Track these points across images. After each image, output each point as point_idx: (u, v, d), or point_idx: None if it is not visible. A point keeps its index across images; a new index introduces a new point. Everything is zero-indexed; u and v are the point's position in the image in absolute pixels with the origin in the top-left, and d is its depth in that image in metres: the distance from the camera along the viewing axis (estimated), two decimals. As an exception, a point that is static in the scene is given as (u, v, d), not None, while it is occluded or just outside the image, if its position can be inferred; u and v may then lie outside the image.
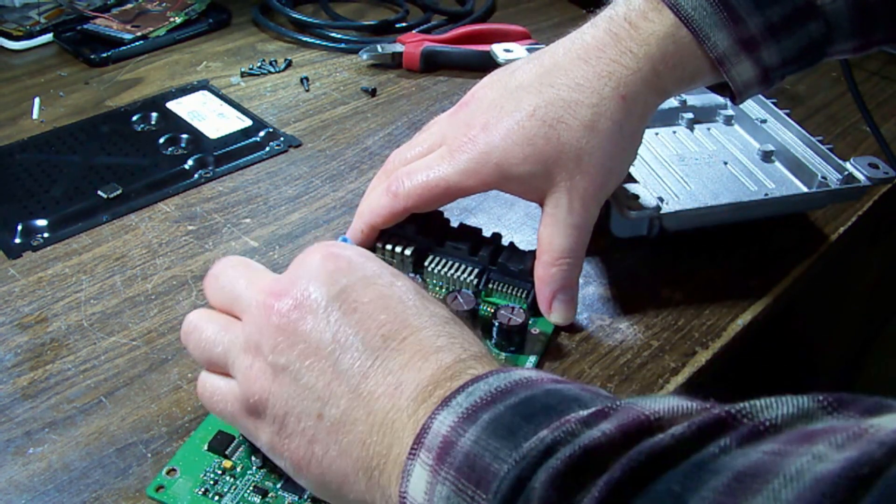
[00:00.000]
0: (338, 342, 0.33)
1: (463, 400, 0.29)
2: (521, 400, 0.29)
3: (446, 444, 0.28)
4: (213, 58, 0.76)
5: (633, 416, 0.26)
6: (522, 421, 0.28)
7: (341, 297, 0.34)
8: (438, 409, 0.30)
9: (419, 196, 0.45)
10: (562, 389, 0.29)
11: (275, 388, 0.33)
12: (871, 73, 0.78)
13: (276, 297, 0.34)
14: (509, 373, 0.31)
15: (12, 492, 0.38)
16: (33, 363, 0.45)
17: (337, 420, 0.32)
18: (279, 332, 0.33)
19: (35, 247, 0.52)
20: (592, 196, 0.45)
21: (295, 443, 0.33)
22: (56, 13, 0.78)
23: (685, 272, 0.52)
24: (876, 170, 0.54)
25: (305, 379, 0.33)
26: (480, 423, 0.28)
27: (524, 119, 0.44)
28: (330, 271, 0.34)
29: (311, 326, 0.33)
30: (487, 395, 0.29)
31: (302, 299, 0.34)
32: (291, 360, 0.33)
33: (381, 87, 0.72)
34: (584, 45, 0.45)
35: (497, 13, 0.88)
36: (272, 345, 0.33)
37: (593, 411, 0.27)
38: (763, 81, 0.45)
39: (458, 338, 0.34)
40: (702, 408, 0.26)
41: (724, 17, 0.43)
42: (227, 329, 0.36)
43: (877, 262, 0.84)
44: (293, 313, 0.33)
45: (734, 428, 0.24)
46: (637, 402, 0.26)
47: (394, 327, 0.33)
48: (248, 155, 0.62)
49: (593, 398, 0.29)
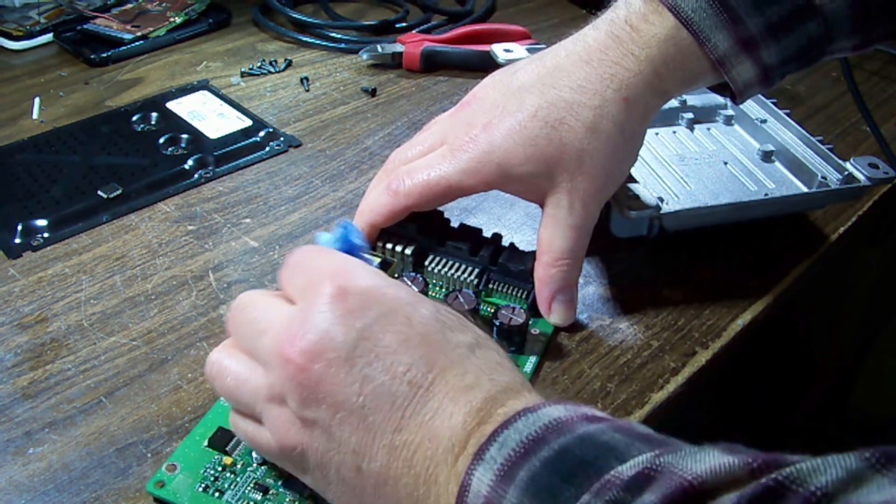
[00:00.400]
0: (364, 395, 0.32)
1: (496, 453, 0.29)
2: (555, 454, 0.28)
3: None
4: (213, 58, 0.76)
5: (677, 483, 0.25)
6: (561, 482, 0.27)
7: (360, 345, 0.32)
8: (475, 464, 0.29)
9: (420, 195, 0.45)
10: (594, 435, 0.29)
11: (308, 440, 0.33)
12: (871, 73, 0.78)
13: (291, 346, 0.32)
14: (537, 413, 0.30)
15: (12, 492, 0.38)
16: (33, 363, 0.45)
17: (378, 474, 0.32)
18: (301, 385, 0.32)
19: (35, 247, 0.52)
20: (593, 197, 0.45)
21: (341, 490, 0.33)
22: (56, 13, 0.78)
23: (685, 272, 0.52)
24: (876, 170, 0.54)
25: (338, 434, 0.32)
26: (519, 482, 0.28)
27: (526, 119, 0.44)
28: (345, 313, 0.33)
29: (333, 380, 0.32)
30: (519, 445, 0.29)
31: (319, 349, 0.32)
32: (320, 416, 0.32)
33: (381, 87, 0.72)
34: (585, 46, 0.45)
35: (497, 13, 0.88)
36: (298, 399, 0.32)
37: (634, 474, 0.26)
38: (763, 81, 0.46)
39: (485, 370, 0.33)
40: (746, 469, 0.25)
41: (723, 18, 0.43)
42: (250, 374, 0.35)
43: (877, 262, 0.84)
44: (314, 366, 0.32)
45: (784, 499, 0.23)
46: (678, 462, 0.26)
47: (419, 371, 0.32)
48: (248, 155, 0.62)
49: (629, 445, 0.28)
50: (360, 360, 0.32)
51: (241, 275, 0.51)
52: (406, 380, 0.32)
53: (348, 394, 0.32)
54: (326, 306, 0.33)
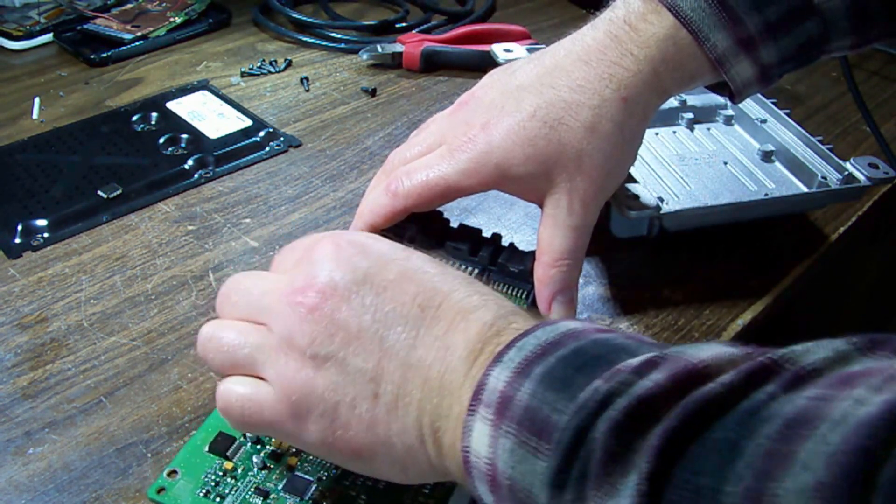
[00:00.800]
0: (378, 321, 0.33)
1: (515, 355, 0.30)
2: (570, 351, 0.30)
3: (504, 398, 0.29)
4: (213, 58, 0.76)
5: (682, 365, 0.26)
6: (575, 372, 0.29)
7: (368, 280, 0.34)
8: (492, 366, 0.30)
9: (419, 195, 0.45)
10: (609, 339, 0.30)
11: (319, 380, 0.33)
12: (871, 73, 0.78)
13: (301, 293, 0.34)
14: (556, 325, 0.31)
15: (12, 492, 0.38)
16: (33, 363, 0.45)
17: (394, 395, 0.32)
18: (314, 324, 0.33)
19: (35, 247, 0.52)
20: (593, 197, 0.45)
21: (352, 431, 0.33)
22: (56, 13, 0.78)
23: (685, 272, 0.52)
24: (876, 170, 0.54)
25: (354, 363, 0.33)
26: (534, 376, 0.29)
27: (525, 119, 0.44)
28: (347, 258, 0.35)
29: (347, 313, 0.33)
30: (537, 348, 0.30)
31: (329, 289, 0.34)
32: (334, 350, 0.33)
33: (381, 87, 0.72)
34: (584, 46, 0.45)
35: (497, 13, 0.88)
36: (309, 338, 0.33)
37: (643, 360, 0.27)
38: (762, 80, 0.46)
39: (489, 295, 0.35)
40: (745, 355, 0.27)
41: (722, 18, 0.43)
42: (250, 332, 0.35)
43: (877, 262, 0.84)
44: (325, 304, 0.33)
45: (778, 374, 0.25)
46: (683, 352, 0.27)
47: (427, 296, 0.34)
48: (248, 155, 0.62)
49: (639, 346, 0.30)
50: (368, 292, 0.34)
51: (240, 275, 0.51)
52: (416, 304, 0.33)
53: (361, 323, 0.33)
54: (330, 253, 0.35)
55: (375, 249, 0.36)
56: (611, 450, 0.26)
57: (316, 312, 0.33)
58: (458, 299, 0.34)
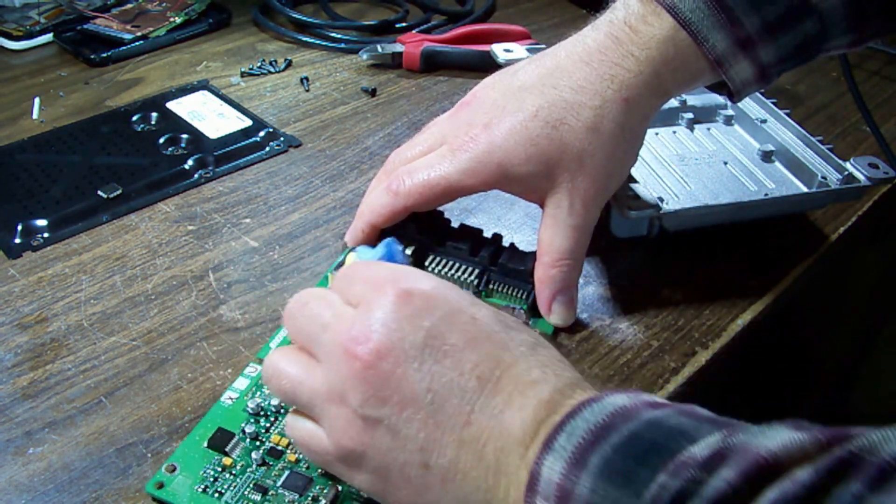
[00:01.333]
0: (434, 391, 0.32)
1: (565, 442, 0.29)
2: (625, 438, 0.28)
3: (563, 493, 0.28)
4: (213, 58, 0.76)
5: (752, 459, 0.25)
6: (635, 464, 0.27)
7: (429, 343, 0.32)
8: (544, 454, 0.29)
9: (420, 195, 0.45)
10: (661, 419, 0.29)
11: (369, 440, 0.32)
12: (871, 73, 0.78)
13: (358, 343, 0.32)
14: (602, 402, 0.30)
15: (12, 492, 0.38)
16: (33, 363, 0.45)
17: (446, 469, 0.31)
18: (366, 383, 0.32)
19: (35, 247, 0.52)
20: (593, 197, 0.45)
21: (403, 491, 0.33)
22: (56, 13, 0.78)
23: (685, 272, 0.53)
24: (876, 170, 0.54)
25: (405, 431, 0.32)
26: (592, 468, 0.28)
27: (527, 119, 0.44)
28: (410, 314, 0.33)
29: (402, 376, 0.32)
30: (588, 433, 0.29)
31: (387, 347, 0.32)
32: (386, 414, 0.32)
33: (381, 87, 0.72)
34: (585, 47, 0.45)
35: (497, 13, 0.88)
36: (362, 397, 0.32)
37: (710, 454, 0.26)
38: (761, 79, 0.46)
39: (549, 366, 0.33)
40: (817, 444, 0.25)
41: (721, 19, 0.43)
42: (308, 374, 0.35)
43: (877, 262, 0.84)
44: (381, 363, 0.32)
45: (859, 468, 0.24)
46: (750, 440, 0.26)
47: (487, 367, 0.32)
48: (248, 155, 0.62)
49: (698, 427, 0.28)
50: (428, 358, 0.32)
51: (241, 275, 0.51)
52: (475, 375, 0.32)
53: (417, 391, 0.32)
54: (392, 306, 0.33)
55: (441, 304, 0.34)
56: None
57: (370, 371, 0.32)
58: (518, 372, 0.32)
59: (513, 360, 0.33)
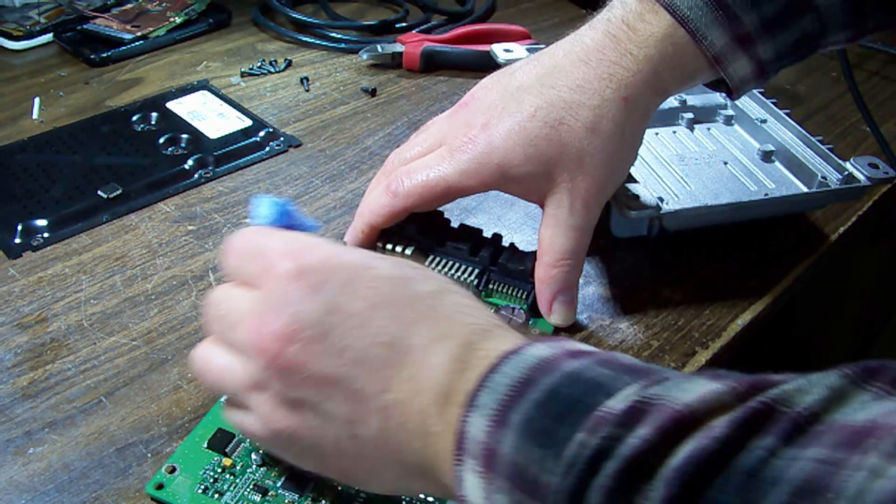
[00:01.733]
0: (345, 364, 0.32)
1: (488, 399, 0.29)
2: (545, 394, 0.28)
3: (489, 451, 0.28)
4: (213, 58, 0.76)
5: (668, 414, 0.25)
6: (554, 422, 0.27)
7: (330, 317, 0.32)
8: (468, 413, 0.29)
9: (419, 195, 0.45)
10: (581, 371, 0.29)
11: (297, 422, 0.33)
12: (871, 73, 0.78)
13: (262, 335, 0.32)
14: (521, 355, 0.30)
15: (12, 492, 0.38)
16: (33, 363, 0.45)
17: (375, 437, 0.32)
18: (279, 371, 0.32)
19: (35, 247, 0.52)
20: (594, 197, 0.45)
21: (340, 462, 0.33)
22: (56, 13, 0.78)
23: (685, 272, 0.52)
24: (876, 170, 0.54)
25: (327, 408, 0.32)
26: (514, 427, 0.28)
27: (526, 120, 0.44)
28: (306, 292, 0.32)
29: (312, 356, 0.32)
30: (509, 389, 0.29)
31: (290, 332, 0.32)
32: (305, 394, 0.32)
33: (381, 87, 0.72)
34: (583, 47, 0.45)
35: (497, 13, 0.88)
36: (279, 384, 0.33)
37: (626, 410, 0.26)
38: (759, 76, 0.46)
39: (455, 316, 0.33)
40: (734, 395, 0.25)
41: (719, 16, 0.43)
42: (231, 366, 0.35)
43: (877, 263, 0.84)
44: (289, 349, 0.32)
45: (774, 421, 0.24)
46: (666, 393, 0.26)
47: (394, 330, 0.32)
48: (248, 155, 0.62)
49: (615, 379, 0.28)
50: (332, 332, 0.32)
51: (240, 275, 0.51)
52: (382, 341, 0.32)
53: (329, 367, 0.32)
54: (287, 287, 0.33)
55: (337, 272, 0.33)
56: None
57: (280, 360, 0.32)
58: (423, 330, 0.32)
59: (418, 317, 0.32)
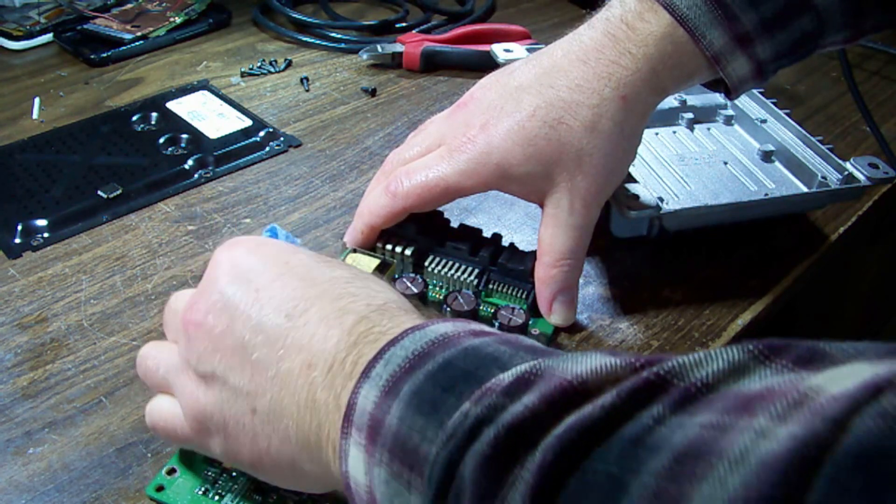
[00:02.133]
0: (250, 334, 0.32)
1: (382, 370, 0.29)
2: (439, 366, 0.28)
3: (375, 423, 0.28)
4: (213, 58, 0.76)
5: (556, 383, 0.24)
6: (443, 392, 0.27)
7: (244, 289, 0.33)
8: (361, 382, 0.29)
9: (418, 196, 0.45)
10: (480, 347, 0.28)
11: (209, 398, 0.34)
12: (871, 73, 0.78)
13: (190, 311, 0.34)
14: (424, 330, 0.30)
15: (12, 492, 0.38)
16: (33, 363, 0.45)
17: (268, 410, 0.32)
18: (198, 341, 0.34)
19: (35, 247, 0.52)
20: (593, 196, 0.45)
21: (242, 444, 0.33)
22: (56, 13, 0.78)
23: (685, 272, 0.52)
24: (876, 170, 0.54)
25: (233, 380, 0.33)
26: (402, 396, 0.28)
27: (525, 119, 0.44)
28: (231, 267, 0.34)
29: (225, 327, 0.33)
30: (405, 361, 0.28)
31: (210, 304, 0.34)
32: (216, 366, 0.33)
33: (381, 87, 0.72)
34: (582, 46, 0.45)
35: (497, 13, 0.88)
36: (196, 356, 0.34)
37: (514, 378, 0.26)
38: (758, 76, 0.46)
39: (359, 295, 0.33)
40: (629, 368, 0.24)
41: (718, 15, 0.43)
42: (167, 354, 0.36)
43: (877, 262, 0.84)
44: (207, 320, 0.33)
45: (665, 392, 0.23)
46: (559, 365, 0.25)
47: (295, 303, 0.33)
48: (248, 155, 0.62)
49: (513, 354, 0.28)
50: (241, 304, 0.33)
51: (240, 275, 0.51)
52: (283, 312, 0.32)
53: (237, 337, 0.33)
54: (217, 270, 0.35)
55: (260, 256, 0.35)
56: (481, 489, 0.24)
57: (200, 330, 0.33)
58: (325, 304, 0.32)
59: (320, 293, 0.33)
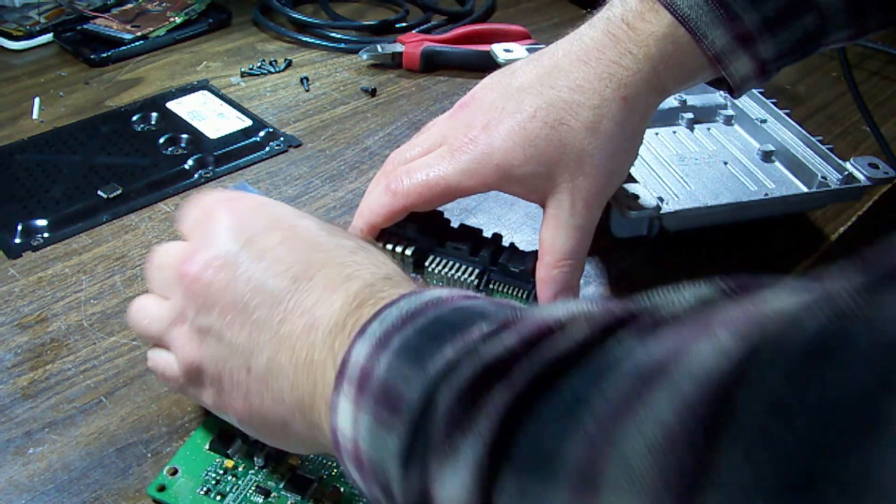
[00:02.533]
0: (251, 292, 0.33)
1: (377, 327, 0.29)
2: (429, 321, 0.29)
3: (364, 374, 0.29)
4: (213, 58, 0.76)
5: (534, 325, 0.25)
6: (429, 342, 0.27)
7: (248, 248, 0.34)
8: (356, 339, 0.30)
9: (419, 195, 0.45)
10: (470, 306, 0.29)
11: (204, 351, 0.34)
12: (871, 73, 0.78)
13: (185, 263, 0.35)
14: (420, 294, 0.31)
15: (12, 492, 0.38)
16: (33, 363, 0.45)
17: (264, 369, 0.33)
18: (196, 294, 0.34)
19: (35, 247, 0.52)
20: (595, 197, 0.45)
21: (236, 400, 0.34)
22: (56, 13, 0.78)
23: (685, 272, 0.52)
24: (876, 170, 0.54)
25: (229, 336, 0.33)
26: (392, 348, 0.28)
27: (526, 120, 0.44)
28: (232, 227, 0.35)
29: (225, 282, 0.33)
30: (398, 319, 0.29)
31: (210, 257, 0.34)
32: (213, 321, 0.34)
33: (381, 87, 0.72)
34: (583, 46, 0.45)
35: (497, 13, 0.88)
36: (194, 309, 0.34)
37: (495, 326, 0.26)
38: (760, 75, 0.46)
39: (364, 264, 0.34)
40: (605, 311, 0.25)
41: (720, 15, 0.43)
42: (159, 307, 0.37)
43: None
44: (206, 273, 0.34)
45: (636, 323, 0.23)
46: (539, 311, 0.26)
47: (302, 267, 0.33)
48: (247, 155, 0.62)
49: (500, 310, 0.28)
50: (245, 261, 0.34)
51: (241, 275, 0.51)
52: (290, 275, 0.33)
53: (237, 294, 0.33)
54: (217, 224, 0.35)
55: (264, 215, 0.36)
56: (453, 416, 0.24)
57: (198, 283, 0.34)
58: (331, 270, 0.33)
59: (328, 259, 0.34)
